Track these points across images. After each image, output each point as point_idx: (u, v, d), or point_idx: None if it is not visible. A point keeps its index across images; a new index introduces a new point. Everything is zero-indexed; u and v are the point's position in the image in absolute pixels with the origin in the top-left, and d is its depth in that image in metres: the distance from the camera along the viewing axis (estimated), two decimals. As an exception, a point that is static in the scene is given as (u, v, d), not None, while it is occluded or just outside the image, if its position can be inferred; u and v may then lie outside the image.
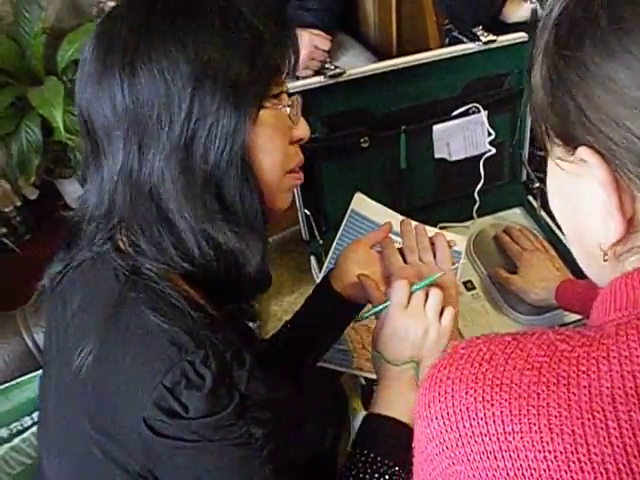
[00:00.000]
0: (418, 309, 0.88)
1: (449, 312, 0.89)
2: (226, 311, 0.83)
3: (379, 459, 0.82)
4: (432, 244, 1.02)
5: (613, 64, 0.45)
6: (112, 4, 1.82)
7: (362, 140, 1.30)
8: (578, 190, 0.52)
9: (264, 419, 0.70)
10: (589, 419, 0.40)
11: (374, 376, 1.18)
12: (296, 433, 0.98)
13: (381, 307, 0.91)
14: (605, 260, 0.51)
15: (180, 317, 0.69)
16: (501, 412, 0.43)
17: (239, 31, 0.69)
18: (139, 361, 0.67)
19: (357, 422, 1.23)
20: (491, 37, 1.25)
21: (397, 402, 0.87)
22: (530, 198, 1.49)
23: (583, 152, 0.48)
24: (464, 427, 0.44)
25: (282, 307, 1.88)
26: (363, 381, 1.20)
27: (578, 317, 1.21)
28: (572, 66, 0.48)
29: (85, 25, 1.70)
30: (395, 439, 0.84)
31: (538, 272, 1.26)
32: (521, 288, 1.27)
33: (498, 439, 0.43)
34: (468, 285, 1.36)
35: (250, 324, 1.37)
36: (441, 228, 1.35)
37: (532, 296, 1.25)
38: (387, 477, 0.81)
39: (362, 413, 1.22)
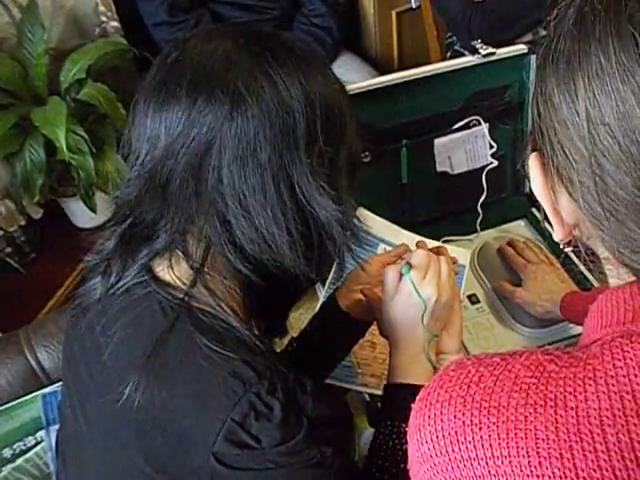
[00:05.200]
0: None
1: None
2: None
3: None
4: None
5: (565, 90, 0.47)
6: (114, 24, 1.84)
7: (363, 155, 1.30)
8: None
9: (332, 436, 0.70)
10: (577, 442, 0.40)
11: (379, 392, 1.17)
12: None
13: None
14: None
15: (236, 346, 0.68)
16: (489, 436, 0.42)
17: None
18: (200, 396, 0.66)
19: (362, 440, 1.22)
20: (490, 50, 1.25)
21: (414, 367, 0.87)
22: (534, 210, 1.48)
23: (530, 159, 0.52)
24: (453, 451, 0.44)
25: (287, 322, 1.87)
26: (368, 397, 1.19)
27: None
28: (540, 86, 0.50)
29: (87, 45, 1.72)
30: None
31: (543, 285, 1.25)
32: (526, 301, 1.25)
33: (487, 463, 0.42)
34: (472, 299, 1.35)
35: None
36: (444, 242, 1.34)
37: (537, 309, 1.24)
38: None
39: (367, 430, 1.20)
